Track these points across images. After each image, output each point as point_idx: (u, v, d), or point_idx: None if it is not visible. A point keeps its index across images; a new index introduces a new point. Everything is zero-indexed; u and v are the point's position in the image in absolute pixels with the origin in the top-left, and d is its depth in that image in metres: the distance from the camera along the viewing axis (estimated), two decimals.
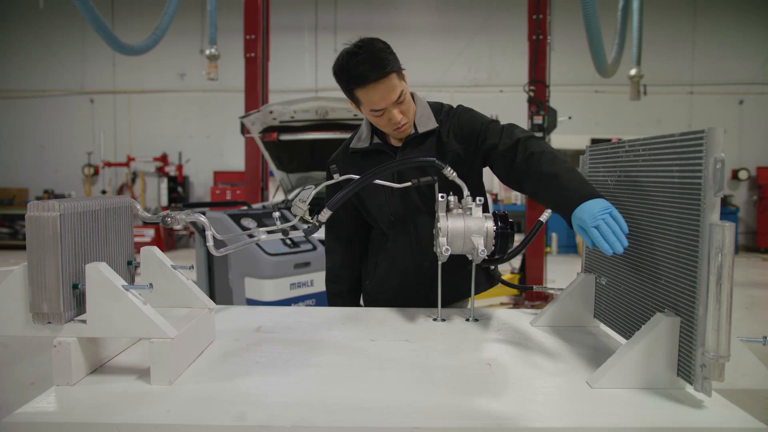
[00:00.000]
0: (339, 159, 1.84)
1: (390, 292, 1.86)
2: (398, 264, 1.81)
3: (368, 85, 1.54)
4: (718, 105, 11.09)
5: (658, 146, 1.17)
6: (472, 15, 11.23)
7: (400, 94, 1.59)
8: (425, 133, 1.71)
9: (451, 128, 1.72)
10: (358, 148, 1.79)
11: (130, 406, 1.01)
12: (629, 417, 0.98)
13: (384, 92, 1.56)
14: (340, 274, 1.93)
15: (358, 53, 1.54)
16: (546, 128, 5.87)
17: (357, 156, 1.80)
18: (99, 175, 11.69)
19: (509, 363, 1.26)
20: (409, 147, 1.72)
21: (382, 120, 1.64)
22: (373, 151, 1.77)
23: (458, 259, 1.73)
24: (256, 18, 6.30)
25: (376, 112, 1.61)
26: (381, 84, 1.55)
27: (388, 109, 1.60)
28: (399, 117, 1.62)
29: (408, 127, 1.69)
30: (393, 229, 1.79)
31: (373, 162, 1.75)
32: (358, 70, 1.53)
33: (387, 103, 1.59)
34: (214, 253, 1.42)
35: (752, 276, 8.16)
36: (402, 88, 1.60)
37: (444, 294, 1.69)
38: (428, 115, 1.74)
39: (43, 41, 11.52)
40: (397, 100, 1.59)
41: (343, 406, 1.02)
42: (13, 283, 1.08)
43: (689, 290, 1.04)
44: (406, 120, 1.65)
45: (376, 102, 1.58)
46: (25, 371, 3.57)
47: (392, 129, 1.67)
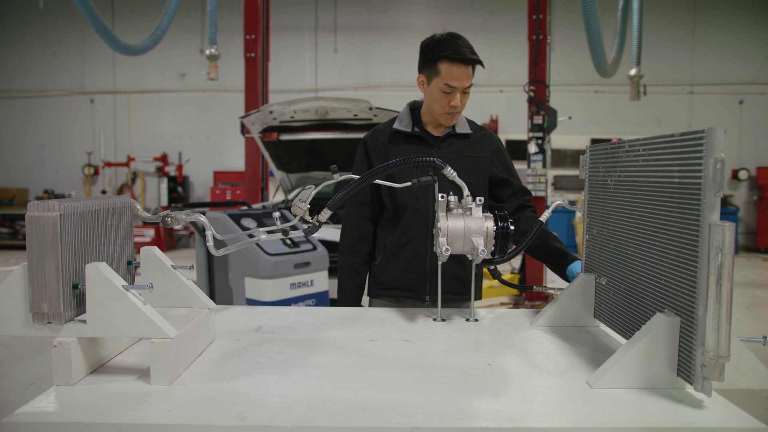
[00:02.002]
0: (376, 138, 2.00)
1: (397, 271, 1.96)
2: (410, 245, 1.93)
3: (460, 63, 1.77)
4: (718, 105, 11.10)
5: (658, 146, 1.17)
6: (472, 15, 11.23)
7: (470, 86, 1.84)
8: (460, 134, 1.97)
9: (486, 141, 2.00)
10: (401, 129, 1.97)
11: (130, 406, 1.01)
12: (629, 417, 0.98)
13: (465, 74, 1.80)
14: (355, 247, 2.01)
15: (462, 37, 1.81)
16: (546, 128, 5.87)
17: (400, 136, 1.98)
18: (99, 175, 11.70)
19: (509, 363, 1.26)
20: (447, 141, 1.96)
21: (445, 99, 1.84)
22: (415, 136, 1.97)
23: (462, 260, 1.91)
24: (256, 18, 6.30)
25: (448, 87, 1.81)
26: (468, 68, 1.79)
27: (455, 92, 1.82)
28: (458, 102, 1.84)
29: (457, 117, 1.91)
30: (412, 210, 1.92)
31: (414, 145, 1.97)
32: (460, 46, 1.77)
33: (461, 85, 1.81)
34: (214, 253, 1.42)
35: (752, 276, 8.16)
36: (472, 84, 1.84)
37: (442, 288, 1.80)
38: (464, 123, 2.00)
39: (43, 41, 11.52)
40: (466, 88, 1.83)
41: (343, 406, 1.02)
42: (13, 283, 1.08)
43: (689, 290, 1.04)
44: (460, 109, 1.88)
45: (456, 78, 1.79)
46: (25, 371, 3.57)
47: (446, 111, 1.86)
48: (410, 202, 1.93)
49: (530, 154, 5.93)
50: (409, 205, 1.93)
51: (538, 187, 5.92)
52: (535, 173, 5.92)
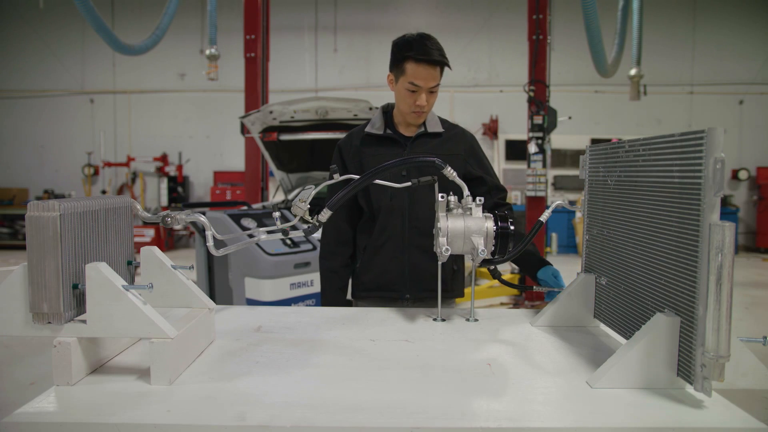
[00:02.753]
0: (351, 142, 2.03)
1: (376, 271, 1.99)
2: (387, 245, 1.96)
3: (426, 63, 1.80)
4: (718, 105, 11.09)
5: (658, 146, 1.17)
6: (472, 15, 11.23)
7: (436, 86, 1.86)
8: (433, 133, 1.99)
9: (459, 138, 2.01)
10: (373, 132, 2.00)
11: (130, 406, 1.01)
12: (629, 417, 0.98)
13: (431, 75, 1.83)
14: (335, 250, 2.05)
15: (432, 38, 1.85)
16: (546, 128, 5.87)
17: (372, 139, 2.01)
18: (99, 175, 11.70)
19: (509, 363, 1.26)
20: (419, 140, 1.98)
21: (411, 98, 1.87)
22: (387, 138, 2.00)
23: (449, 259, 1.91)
24: (256, 18, 6.31)
25: (413, 86, 1.84)
26: (434, 68, 1.82)
27: (421, 91, 1.85)
28: (423, 101, 1.87)
29: (423, 116, 1.94)
30: (388, 209, 1.95)
31: (386, 148, 2.00)
32: (428, 47, 1.81)
33: (426, 85, 1.84)
34: (214, 253, 1.42)
35: (752, 276, 8.16)
36: (439, 84, 1.87)
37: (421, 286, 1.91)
38: (436, 122, 2.02)
39: (43, 41, 11.52)
40: (432, 88, 1.86)
41: (343, 406, 1.02)
42: (13, 283, 1.08)
43: (689, 290, 1.04)
44: (427, 109, 1.90)
45: (422, 78, 1.83)
46: (25, 371, 3.57)
47: (412, 110, 1.90)
48: (385, 202, 1.95)
49: (530, 154, 5.93)
50: (384, 205, 1.96)
51: (538, 187, 5.92)
52: (535, 173, 5.92)
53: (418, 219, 1.93)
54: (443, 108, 11.27)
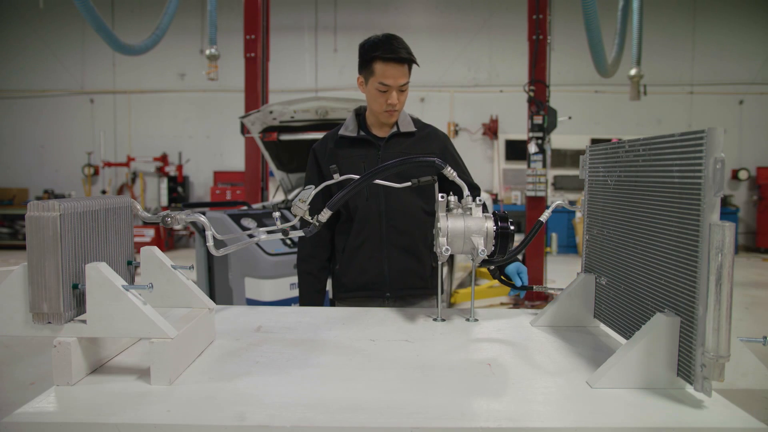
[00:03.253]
0: (325, 145, 2.05)
1: (356, 272, 2.00)
2: (365, 246, 1.98)
3: (393, 62, 1.83)
4: (718, 105, 11.08)
5: (658, 146, 1.17)
6: (472, 15, 11.22)
7: (405, 84, 1.88)
8: (405, 133, 2.01)
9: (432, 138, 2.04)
10: (347, 135, 2.02)
11: (130, 406, 1.01)
12: (629, 417, 0.98)
13: (400, 73, 1.85)
14: (312, 253, 2.08)
15: (398, 38, 1.88)
16: (546, 128, 5.87)
17: (345, 141, 2.02)
18: (99, 175, 11.69)
19: (509, 363, 1.26)
20: (392, 141, 2.00)
21: (382, 98, 1.89)
22: (360, 140, 2.01)
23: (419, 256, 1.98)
24: (256, 18, 6.30)
25: (383, 86, 1.87)
26: (401, 66, 1.85)
27: (392, 90, 1.88)
28: (395, 100, 1.89)
29: (396, 115, 1.96)
30: (365, 210, 1.96)
31: (360, 150, 2.01)
32: (394, 46, 1.84)
33: (396, 83, 1.86)
34: (214, 253, 1.42)
35: (752, 276, 8.16)
36: (409, 82, 1.89)
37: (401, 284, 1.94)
38: (409, 121, 2.04)
39: (43, 41, 11.51)
40: (402, 86, 1.88)
41: (343, 406, 1.02)
42: (13, 283, 1.08)
43: (689, 290, 1.04)
44: (398, 107, 1.92)
45: (391, 77, 1.85)
46: (25, 371, 3.57)
47: (384, 110, 1.91)
48: (360, 203, 1.97)
49: (530, 154, 5.93)
50: (360, 206, 1.97)
51: (538, 187, 5.92)
52: (535, 173, 5.92)
53: (395, 218, 1.95)
54: (443, 108, 11.28)
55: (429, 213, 2.01)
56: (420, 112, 10.29)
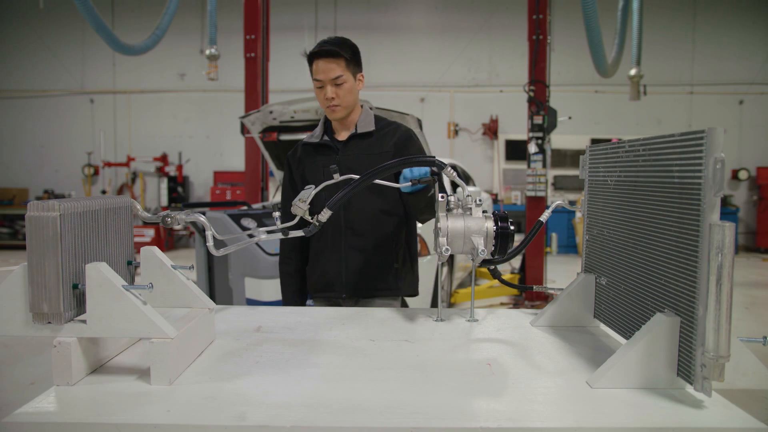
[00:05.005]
0: (295, 154, 2.12)
1: (318, 273, 2.05)
2: (326, 248, 2.01)
3: (318, 56, 1.89)
4: (718, 105, 11.08)
5: (658, 146, 1.17)
6: (472, 15, 11.22)
7: (339, 77, 1.90)
8: (364, 133, 2.01)
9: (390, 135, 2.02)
10: (310, 142, 2.09)
11: (130, 406, 1.01)
12: (629, 417, 0.98)
13: (328, 66, 1.89)
14: (290, 255, 2.13)
15: (332, 37, 1.94)
16: (546, 128, 5.87)
17: (309, 148, 2.08)
18: (99, 175, 11.69)
19: (509, 363, 1.26)
20: (350, 143, 2.02)
21: (321, 94, 1.94)
22: (322, 145, 2.05)
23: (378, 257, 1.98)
24: (256, 18, 6.30)
25: (318, 82, 1.92)
26: (329, 60, 1.88)
27: (326, 85, 1.91)
28: (331, 94, 1.91)
29: (339, 110, 1.97)
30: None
31: (322, 155, 2.04)
32: (322, 42, 1.91)
33: (327, 77, 1.90)
34: (214, 253, 1.42)
35: (752, 276, 8.16)
36: (345, 77, 1.92)
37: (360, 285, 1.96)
38: (369, 121, 2.04)
39: (43, 41, 11.51)
40: (335, 80, 1.90)
41: (343, 406, 1.02)
42: (13, 283, 1.08)
43: (689, 290, 1.04)
44: (338, 102, 1.94)
45: (321, 71, 1.90)
46: (25, 371, 3.57)
47: (326, 105, 1.96)
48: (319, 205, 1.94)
49: (530, 154, 5.93)
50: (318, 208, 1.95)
51: (538, 187, 5.92)
52: (535, 173, 5.92)
53: (352, 220, 1.97)
54: (443, 108, 11.28)
55: (388, 213, 2.00)
56: (420, 112, 10.32)
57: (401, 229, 2.06)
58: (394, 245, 2.03)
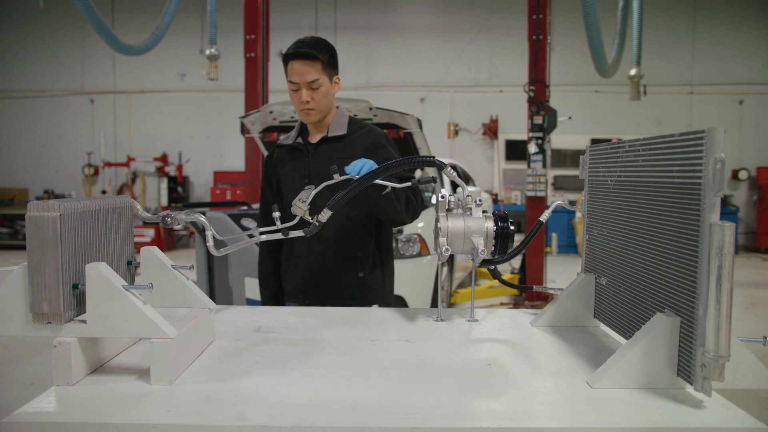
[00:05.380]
0: (272, 155, 2.10)
1: (288, 278, 2.05)
2: (295, 252, 2.00)
3: (294, 58, 1.83)
4: (718, 105, 11.08)
5: (658, 146, 1.17)
6: (472, 15, 11.22)
7: (315, 81, 1.85)
8: (336, 137, 1.97)
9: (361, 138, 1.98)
10: (284, 144, 2.06)
11: (130, 406, 1.01)
12: (629, 417, 0.98)
13: (304, 69, 1.83)
14: (266, 257, 2.13)
15: (313, 37, 1.88)
16: (546, 128, 5.87)
17: (283, 151, 2.06)
18: (99, 175, 11.69)
19: (509, 363, 1.26)
20: (321, 146, 1.98)
21: (296, 97, 1.89)
22: (294, 148, 2.02)
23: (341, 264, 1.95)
24: (256, 18, 6.30)
25: (292, 84, 1.86)
26: (305, 62, 1.82)
27: (301, 87, 1.86)
28: (306, 97, 1.86)
29: (314, 114, 1.92)
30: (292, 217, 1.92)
31: (294, 157, 2.02)
32: (298, 42, 1.84)
33: (302, 80, 1.84)
34: (214, 253, 1.42)
35: (752, 276, 8.16)
36: (322, 80, 1.86)
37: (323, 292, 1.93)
38: (342, 124, 2.00)
39: (43, 41, 11.51)
40: (310, 84, 1.85)
41: (343, 406, 1.02)
42: (13, 283, 1.08)
43: (689, 290, 1.04)
44: (313, 105, 1.89)
45: (296, 74, 1.84)
46: (25, 371, 3.56)
47: (300, 108, 1.91)
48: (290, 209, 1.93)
49: (530, 154, 5.93)
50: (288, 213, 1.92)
51: (538, 187, 5.92)
52: (535, 173, 5.92)
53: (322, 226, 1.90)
54: (443, 108, 11.28)
55: (354, 221, 1.95)
56: (420, 112, 10.31)
57: (369, 238, 1.99)
58: (359, 253, 1.97)
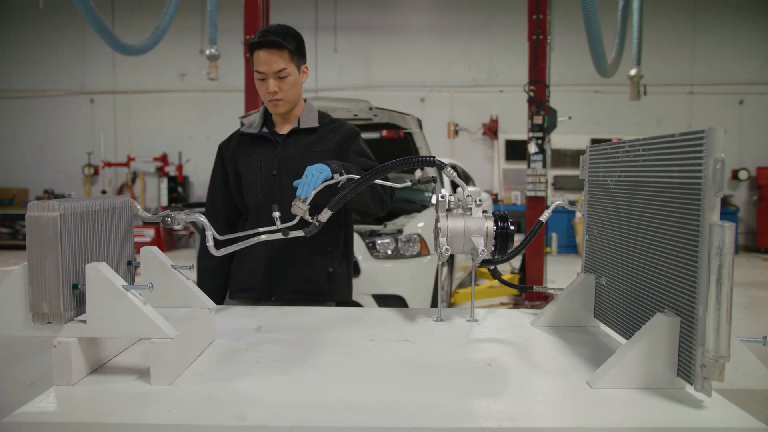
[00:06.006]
0: (229, 144, 2.02)
1: (246, 272, 1.95)
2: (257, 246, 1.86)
3: (260, 47, 1.79)
4: (718, 105, 11.08)
5: (658, 146, 1.17)
6: (472, 15, 11.22)
7: (283, 70, 1.81)
8: (307, 129, 1.93)
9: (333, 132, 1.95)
10: (248, 132, 1.97)
11: (130, 406, 1.01)
12: (629, 417, 0.98)
13: (270, 59, 1.79)
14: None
15: (281, 25, 1.84)
16: (546, 128, 5.87)
17: (246, 140, 1.98)
18: (99, 175, 11.68)
19: (509, 363, 1.26)
20: (291, 138, 1.94)
21: (263, 87, 1.85)
22: (260, 137, 1.96)
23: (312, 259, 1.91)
24: (256, 18, 6.30)
25: (259, 74, 1.83)
26: (271, 51, 1.79)
27: (268, 77, 1.82)
28: (273, 87, 1.82)
29: (282, 104, 1.88)
30: (257, 210, 1.91)
31: (259, 148, 1.94)
32: (265, 31, 1.81)
33: (269, 69, 1.80)
34: (214, 253, 1.42)
35: (752, 276, 8.16)
36: (290, 70, 1.83)
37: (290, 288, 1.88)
38: (312, 116, 1.97)
39: (43, 41, 11.51)
40: (278, 73, 1.81)
41: (343, 406, 1.02)
42: (13, 283, 1.08)
43: (689, 290, 1.04)
44: (281, 96, 1.85)
45: (263, 63, 1.80)
46: (25, 371, 3.57)
47: (268, 99, 1.87)
48: (254, 202, 1.91)
49: (530, 154, 5.93)
50: (253, 205, 1.91)
51: (538, 187, 5.92)
52: (535, 173, 5.92)
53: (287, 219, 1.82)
54: (443, 108, 11.28)
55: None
56: (420, 112, 10.31)
57: (339, 231, 1.98)
58: (329, 248, 1.95)
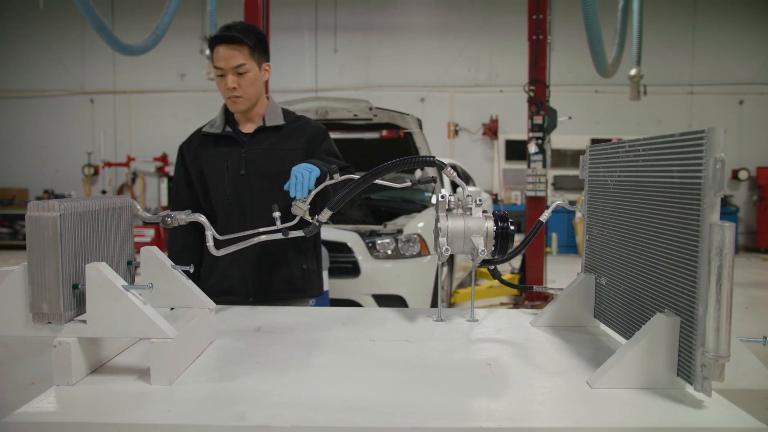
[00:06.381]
0: (191, 145, 1.99)
1: (218, 275, 1.94)
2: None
3: (219, 42, 1.79)
4: (718, 105, 11.08)
5: (658, 146, 1.17)
6: (472, 15, 11.22)
7: (242, 66, 1.81)
8: (273, 127, 1.92)
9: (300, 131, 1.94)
10: (210, 132, 1.94)
11: (130, 406, 1.01)
12: (629, 417, 0.98)
13: (229, 54, 1.79)
14: (179, 256, 1.98)
15: (237, 22, 1.85)
16: (546, 128, 5.87)
17: (209, 140, 1.95)
18: (99, 175, 11.68)
19: (509, 363, 1.26)
20: (257, 136, 1.92)
21: (222, 83, 1.84)
22: (224, 137, 1.93)
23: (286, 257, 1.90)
24: (256, 18, 6.29)
25: (218, 69, 1.82)
26: (231, 48, 1.79)
27: (227, 73, 1.81)
28: (232, 84, 1.82)
29: (242, 102, 1.87)
30: (227, 210, 1.90)
31: (224, 147, 1.91)
32: (223, 28, 1.81)
33: (228, 65, 1.80)
34: (214, 253, 1.42)
35: (752, 276, 8.16)
36: (249, 66, 1.83)
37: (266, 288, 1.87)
38: (277, 114, 1.95)
39: (43, 41, 11.50)
40: (236, 68, 1.81)
41: (343, 406, 1.02)
42: (13, 283, 1.08)
43: (689, 290, 1.04)
44: (240, 92, 1.84)
45: (222, 59, 1.80)
46: (25, 371, 3.56)
47: (227, 96, 1.86)
48: (223, 202, 1.89)
49: (530, 154, 5.93)
50: (223, 206, 1.90)
51: (538, 187, 5.92)
52: (535, 173, 5.92)
53: (258, 219, 1.81)
54: (443, 108, 11.28)
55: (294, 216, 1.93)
56: (420, 112, 10.31)
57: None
58: (302, 246, 1.95)
